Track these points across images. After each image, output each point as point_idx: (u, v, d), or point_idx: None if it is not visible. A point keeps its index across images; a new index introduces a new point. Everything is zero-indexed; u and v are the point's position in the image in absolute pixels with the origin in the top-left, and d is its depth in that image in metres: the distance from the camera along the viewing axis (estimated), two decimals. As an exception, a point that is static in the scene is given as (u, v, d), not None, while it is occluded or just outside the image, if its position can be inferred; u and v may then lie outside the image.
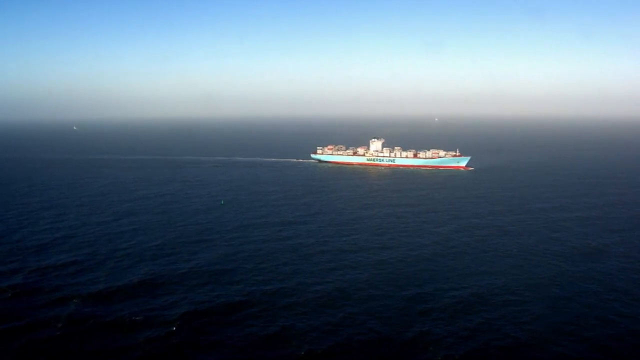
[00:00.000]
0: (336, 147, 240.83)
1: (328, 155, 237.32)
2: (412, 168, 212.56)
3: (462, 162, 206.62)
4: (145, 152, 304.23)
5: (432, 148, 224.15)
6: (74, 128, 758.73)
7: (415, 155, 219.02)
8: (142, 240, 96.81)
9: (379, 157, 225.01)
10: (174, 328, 59.40)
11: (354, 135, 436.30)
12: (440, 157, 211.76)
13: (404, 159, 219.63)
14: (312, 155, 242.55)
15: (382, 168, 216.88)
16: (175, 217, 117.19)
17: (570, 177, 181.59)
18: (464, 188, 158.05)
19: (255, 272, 78.36)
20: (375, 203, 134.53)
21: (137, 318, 61.79)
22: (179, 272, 78.06)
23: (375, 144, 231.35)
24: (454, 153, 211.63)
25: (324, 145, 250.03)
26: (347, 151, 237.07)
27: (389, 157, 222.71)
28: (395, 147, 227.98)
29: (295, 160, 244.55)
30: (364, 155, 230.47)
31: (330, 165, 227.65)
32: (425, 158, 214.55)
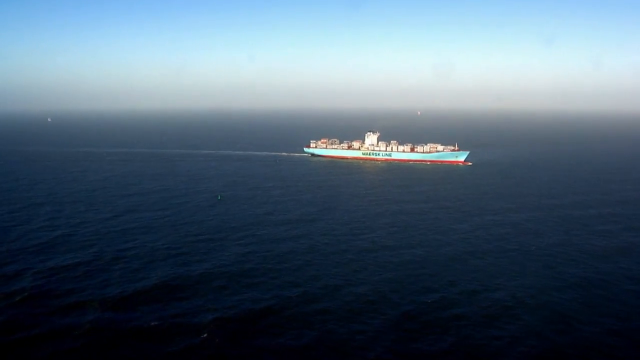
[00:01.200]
0: (330, 141, 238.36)
1: (322, 149, 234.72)
2: (409, 163, 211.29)
3: (461, 157, 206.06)
4: (131, 145, 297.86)
5: (429, 142, 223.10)
6: (48, 120, 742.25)
7: (412, 149, 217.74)
8: (148, 239, 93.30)
9: (375, 151, 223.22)
10: (205, 335, 56.66)
11: (348, 128, 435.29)
12: (438, 151, 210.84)
13: (400, 153, 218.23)
14: (305, 149, 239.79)
15: (379, 162, 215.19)
16: (176, 214, 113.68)
17: (572, 172, 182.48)
18: (467, 184, 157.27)
19: (275, 273, 75.75)
20: (380, 199, 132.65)
21: (163, 325, 58.77)
22: (195, 274, 75.02)
23: (371, 138, 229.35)
24: (453, 147, 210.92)
25: (317, 138, 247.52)
26: (342, 145, 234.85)
27: (385, 151, 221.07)
28: (392, 141, 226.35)
29: (286, 154, 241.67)
30: (359, 149, 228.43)
31: (324, 159, 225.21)
32: (423, 152, 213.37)
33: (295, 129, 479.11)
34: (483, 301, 65.98)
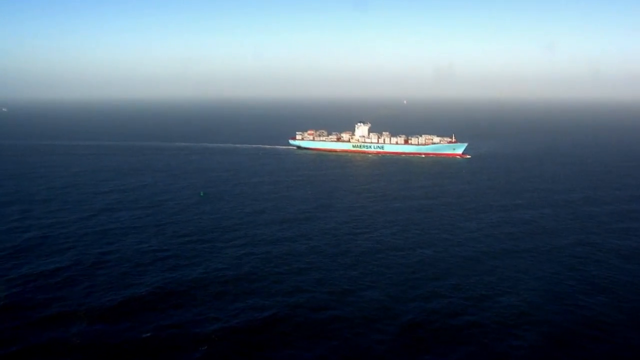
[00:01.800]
0: (317, 132, 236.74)
1: (309, 141, 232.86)
2: (403, 155, 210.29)
3: (459, 149, 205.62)
4: (101, 137, 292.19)
5: (424, 133, 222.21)
6: (3, 110, 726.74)
7: (406, 141, 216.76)
8: (131, 240, 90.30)
9: (365, 144, 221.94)
10: (206, 347, 54.31)
11: (336, 119, 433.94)
12: (434, 143, 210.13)
13: (393, 145, 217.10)
14: (291, 141, 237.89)
15: (370, 155, 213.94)
16: (158, 212, 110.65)
17: (577, 164, 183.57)
18: (468, 178, 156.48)
19: (276, 277, 73.55)
20: (378, 195, 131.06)
21: (159, 337, 56.22)
22: (188, 279, 72.51)
23: (362, 129, 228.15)
24: (450, 139, 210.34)
25: (303, 130, 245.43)
26: (330, 137, 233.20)
27: (377, 143, 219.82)
28: (384, 132, 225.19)
29: (270, 147, 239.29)
30: (349, 141, 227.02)
31: (311, 152, 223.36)
32: (418, 144, 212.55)
33: (280, 120, 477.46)
34: (501, 306, 64.54)
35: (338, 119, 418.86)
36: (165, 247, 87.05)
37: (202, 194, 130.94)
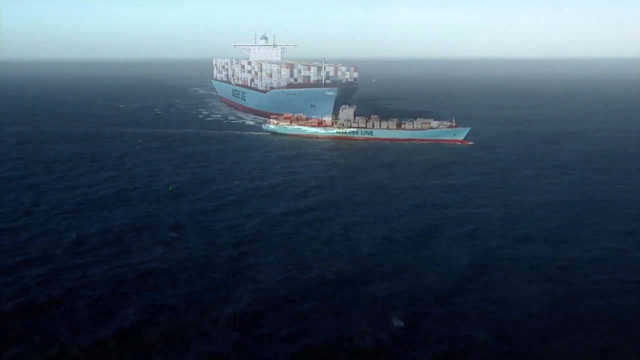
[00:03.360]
0: (295, 116, 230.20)
1: (285, 125, 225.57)
2: (394, 142, 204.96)
3: (460, 135, 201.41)
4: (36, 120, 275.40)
5: (419, 117, 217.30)
6: None
7: (398, 126, 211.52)
8: (109, 252, 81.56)
9: (352, 129, 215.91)
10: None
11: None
12: (432, 128, 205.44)
13: (384, 130, 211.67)
14: (264, 127, 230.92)
15: (357, 142, 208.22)
16: (129, 213, 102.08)
17: (621, 147, 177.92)
18: (484, 169, 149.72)
19: (293, 297, 67.53)
20: (380, 189, 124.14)
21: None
22: (188, 299, 64.76)
23: (346, 112, 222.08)
24: (450, 123, 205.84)
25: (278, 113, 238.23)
26: (310, 120, 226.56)
27: (366, 128, 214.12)
28: (372, 116, 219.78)
29: (240, 132, 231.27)
30: (332, 125, 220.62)
31: (287, 138, 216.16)
32: (413, 129, 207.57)
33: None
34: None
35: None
36: (150, 256, 79.73)
37: (170, 189, 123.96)
